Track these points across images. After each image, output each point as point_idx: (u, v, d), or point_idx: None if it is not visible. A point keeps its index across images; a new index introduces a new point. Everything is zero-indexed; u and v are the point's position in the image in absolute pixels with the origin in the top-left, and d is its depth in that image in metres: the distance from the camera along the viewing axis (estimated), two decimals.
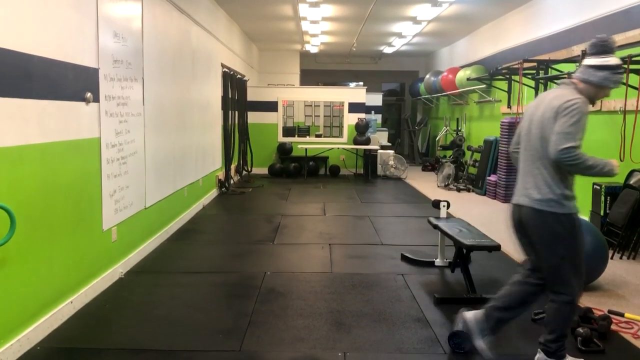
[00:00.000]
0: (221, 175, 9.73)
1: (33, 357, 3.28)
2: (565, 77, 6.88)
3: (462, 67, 12.51)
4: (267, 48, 15.77)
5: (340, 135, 13.23)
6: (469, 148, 11.40)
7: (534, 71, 8.25)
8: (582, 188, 7.01)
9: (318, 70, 18.37)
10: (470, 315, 3.29)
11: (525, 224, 3.14)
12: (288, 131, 13.07)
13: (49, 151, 3.61)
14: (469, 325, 3.25)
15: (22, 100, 3.27)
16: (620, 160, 5.52)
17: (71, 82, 3.88)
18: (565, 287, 3.05)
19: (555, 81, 7.71)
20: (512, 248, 5.86)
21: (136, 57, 5.20)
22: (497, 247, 4.33)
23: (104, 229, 4.50)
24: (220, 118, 9.62)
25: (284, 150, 12.73)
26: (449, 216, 5.52)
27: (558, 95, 3.02)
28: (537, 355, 3.18)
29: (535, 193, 3.04)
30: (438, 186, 11.04)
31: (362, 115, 12.99)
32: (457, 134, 12.66)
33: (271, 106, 13.02)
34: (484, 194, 9.88)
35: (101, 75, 4.37)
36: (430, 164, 14.21)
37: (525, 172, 3.15)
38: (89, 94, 4.14)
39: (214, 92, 9.11)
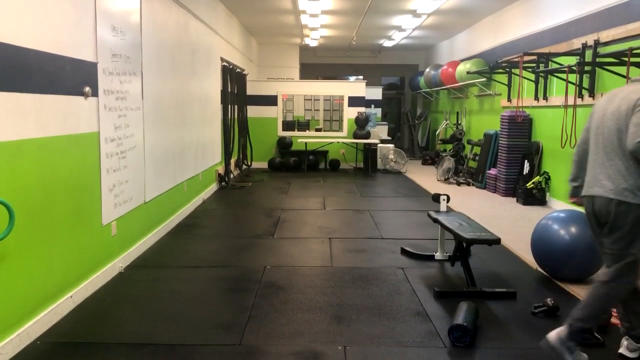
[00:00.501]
0: (221, 169, 9.72)
1: (33, 351, 3.28)
2: (565, 70, 6.88)
3: (462, 60, 12.47)
4: (267, 42, 15.72)
5: (340, 129, 13.21)
6: (469, 142, 11.39)
7: (534, 64, 8.23)
8: None
9: (318, 64, 18.33)
10: (624, 348, 3.32)
11: (598, 213, 3.19)
12: (288, 125, 13.05)
13: (47, 146, 3.60)
14: (635, 355, 3.28)
15: (21, 94, 3.26)
16: None
17: (69, 76, 3.87)
18: (613, 269, 3.11)
19: (556, 74, 7.70)
20: (513, 241, 5.88)
21: (135, 51, 5.18)
22: (497, 241, 4.32)
23: (104, 223, 4.50)
24: (219, 112, 9.60)
25: (283, 145, 12.72)
26: (449, 210, 5.52)
27: (635, 89, 3.09)
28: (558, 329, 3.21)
29: (608, 183, 3.10)
30: (438, 180, 11.03)
31: (362, 109, 12.97)
32: (457, 127, 12.64)
33: (271, 100, 13.00)
34: (484, 188, 9.88)
35: (100, 69, 4.36)
36: (430, 158, 14.19)
37: (597, 164, 3.20)
38: (87, 88, 4.12)
39: (214, 86, 9.09)
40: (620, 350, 3.35)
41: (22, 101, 3.28)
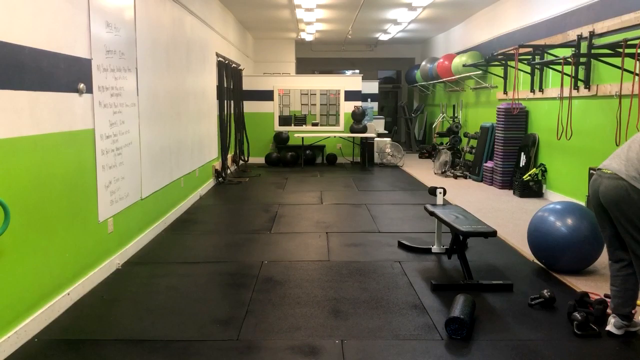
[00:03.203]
0: (218, 165, 9.71)
1: (30, 349, 3.29)
2: (560, 62, 6.88)
3: (458, 53, 12.46)
4: (262, 37, 15.69)
5: (337, 123, 13.20)
6: (465, 135, 11.39)
7: (529, 56, 8.23)
8: (578, 173, 7.03)
9: (314, 59, 18.31)
10: (611, 325, 3.49)
11: None
12: (284, 120, 13.03)
13: (42, 143, 3.59)
14: (620, 332, 3.47)
15: (14, 91, 3.25)
16: (616, 145, 5.52)
17: (63, 73, 3.85)
18: None
19: (551, 66, 7.69)
20: (509, 234, 5.90)
21: (129, 47, 5.16)
22: (493, 233, 4.33)
23: (100, 220, 4.49)
24: (215, 108, 9.59)
25: (280, 140, 12.71)
26: (446, 203, 5.52)
27: None
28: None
29: None
30: (435, 173, 11.04)
31: (359, 103, 12.95)
32: (453, 120, 12.64)
33: (267, 95, 12.98)
34: (481, 181, 9.89)
35: (94, 65, 4.34)
36: (427, 151, 14.20)
37: None
38: (82, 85, 4.11)
39: (209, 81, 9.07)
40: (608, 328, 3.48)
41: (16, 98, 3.27)
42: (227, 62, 10.28)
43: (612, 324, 3.46)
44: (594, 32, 6.68)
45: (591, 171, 6.18)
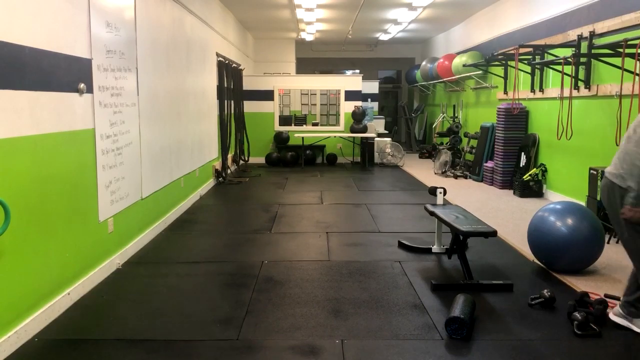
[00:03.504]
0: (218, 165, 9.71)
1: (31, 349, 3.29)
2: (561, 62, 6.88)
3: (458, 53, 12.46)
4: (263, 36, 15.69)
5: (337, 123, 13.19)
6: (465, 135, 11.39)
7: (530, 56, 8.23)
8: (578, 173, 7.03)
9: (314, 59, 18.31)
10: (616, 314, 3.61)
11: None
12: (284, 120, 13.03)
13: (42, 143, 3.59)
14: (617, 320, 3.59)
15: (14, 91, 3.25)
16: (617, 145, 5.52)
17: (64, 73, 3.85)
18: None
19: (551, 66, 7.68)
20: (509, 234, 5.90)
21: (129, 47, 5.16)
22: (493, 233, 4.33)
23: (100, 220, 4.49)
24: (216, 107, 9.59)
25: (280, 139, 12.71)
26: (446, 203, 5.52)
27: None
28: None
29: None
30: (435, 173, 11.04)
31: (359, 103, 12.95)
32: (453, 120, 12.64)
33: (267, 95, 12.98)
34: (481, 181, 9.89)
35: (94, 65, 4.34)
36: (427, 151, 14.20)
37: None
38: (82, 85, 4.11)
39: (209, 81, 9.07)
40: (609, 311, 3.65)
41: (16, 98, 3.27)
42: (227, 62, 10.29)
43: (612, 311, 3.64)
44: (594, 32, 6.68)
45: (591, 171, 6.19)
